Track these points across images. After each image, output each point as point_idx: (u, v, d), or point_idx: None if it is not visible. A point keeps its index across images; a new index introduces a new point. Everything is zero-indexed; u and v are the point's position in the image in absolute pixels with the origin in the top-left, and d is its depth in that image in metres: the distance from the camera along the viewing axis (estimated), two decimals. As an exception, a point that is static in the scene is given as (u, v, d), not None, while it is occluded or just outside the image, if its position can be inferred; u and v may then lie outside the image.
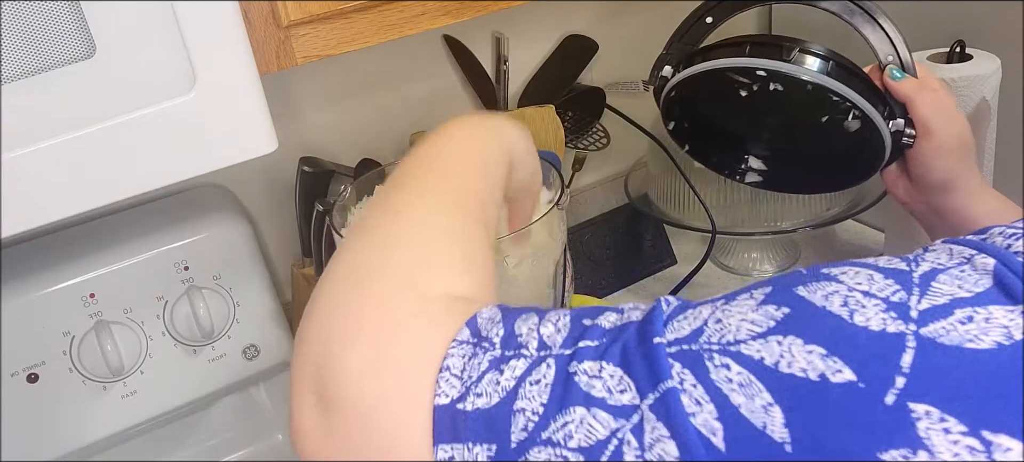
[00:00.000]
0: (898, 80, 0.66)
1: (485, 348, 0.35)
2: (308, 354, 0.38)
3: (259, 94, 0.53)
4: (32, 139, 0.47)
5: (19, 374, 0.72)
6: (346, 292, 0.39)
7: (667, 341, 0.33)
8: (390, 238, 0.41)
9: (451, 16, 0.66)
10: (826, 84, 0.64)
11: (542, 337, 0.35)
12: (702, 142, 0.80)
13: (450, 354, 0.35)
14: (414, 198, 0.44)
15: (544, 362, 0.34)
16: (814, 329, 0.30)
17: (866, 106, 0.64)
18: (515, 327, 0.36)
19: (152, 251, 0.76)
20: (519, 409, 0.33)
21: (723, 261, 1.11)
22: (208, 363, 0.79)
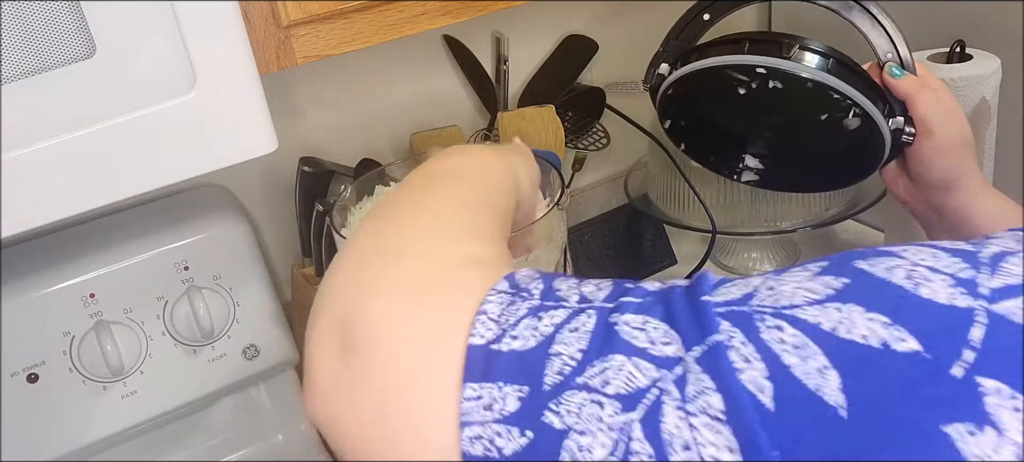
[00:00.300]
0: (898, 78, 0.66)
1: (524, 297, 0.34)
2: (334, 302, 0.37)
3: (259, 94, 0.53)
4: (32, 139, 0.47)
5: (19, 374, 0.72)
6: (376, 250, 0.39)
7: (715, 301, 0.32)
8: (418, 207, 0.42)
9: (451, 16, 0.66)
10: (826, 82, 0.63)
11: (583, 293, 0.35)
12: (699, 140, 0.80)
13: (488, 300, 0.34)
14: (427, 197, 0.44)
15: (584, 312, 0.33)
16: (876, 298, 0.30)
17: (866, 104, 0.64)
18: (554, 284, 0.36)
19: (152, 251, 0.76)
20: (555, 353, 0.32)
21: (723, 261, 1.11)
22: (208, 363, 0.79)
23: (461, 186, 0.46)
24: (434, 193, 0.44)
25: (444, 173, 0.47)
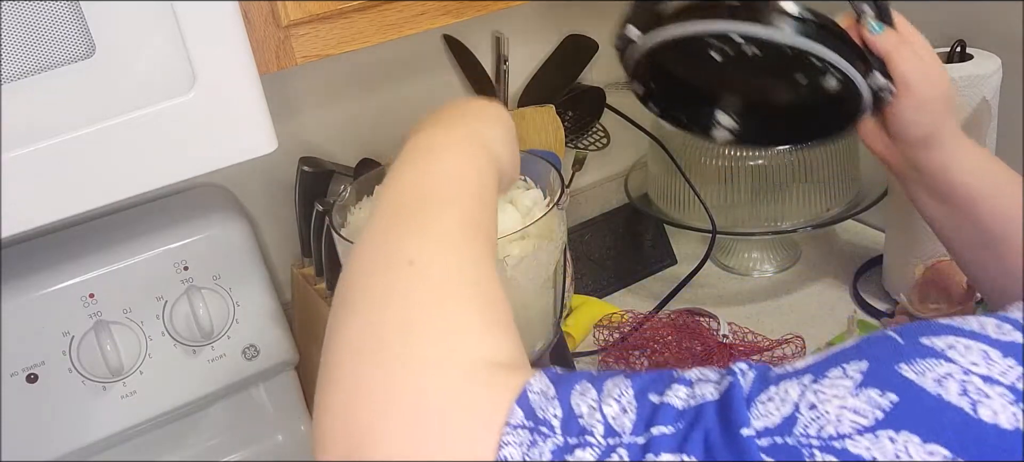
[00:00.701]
0: (877, 34, 0.63)
1: (544, 434, 0.31)
2: (338, 429, 0.35)
3: (259, 94, 0.53)
4: (32, 139, 0.47)
5: (19, 374, 0.72)
6: (373, 364, 0.36)
7: (755, 431, 0.29)
8: (409, 301, 0.38)
9: (451, 16, 0.66)
10: (806, 48, 0.60)
11: (608, 420, 0.31)
12: (669, 102, 0.75)
13: (506, 442, 0.31)
14: (423, 243, 0.40)
15: (615, 452, 0.30)
16: (933, 424, 0.27)
17: (846, 67, 0.61)
18: (573, 405, 0.32)
19: (152, 251, 0.76)
20: None
21: (723, 261, 1.11)
22: (208, 363, 0.79)
23: (447, 230, 0.41)
24: (424, 264, 0.39)
25: (424, 206, 0.43)
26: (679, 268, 1.12)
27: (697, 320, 0.98)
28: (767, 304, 1.02)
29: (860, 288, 1.02)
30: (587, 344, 0.99)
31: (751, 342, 0.94)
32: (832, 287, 1.03)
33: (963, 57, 0.88)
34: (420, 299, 0.37)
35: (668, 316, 0.99)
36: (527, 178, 0.70)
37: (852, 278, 1.03)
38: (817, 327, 0.97)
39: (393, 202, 0.43)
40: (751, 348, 0.93)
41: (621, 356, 0.94)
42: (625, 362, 0.93)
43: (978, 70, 0.85)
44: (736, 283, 1.08)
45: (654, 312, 1.01)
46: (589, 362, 0.96)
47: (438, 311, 0.37)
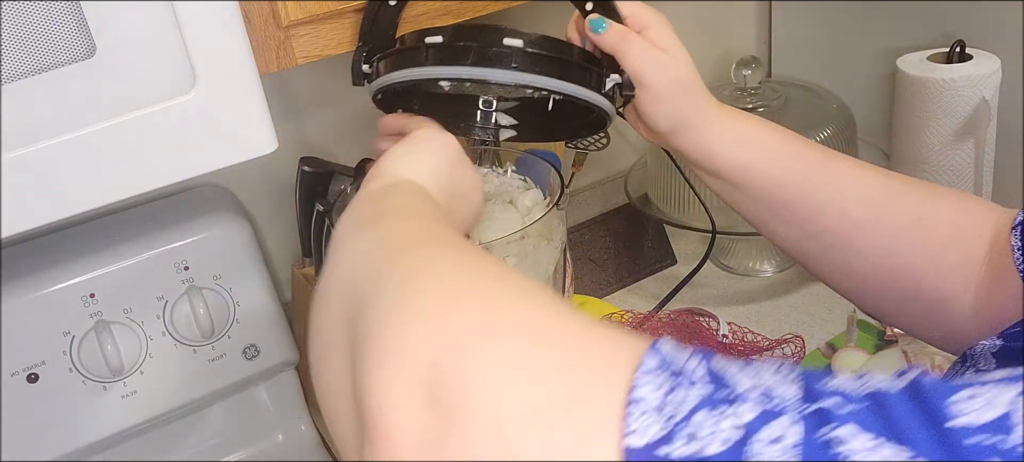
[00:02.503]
0: (600, 34, 0.60)
1: (689, 382, 0.27)
2: (419, 340, 0.30)
3: (259, 94, 0.53)
4: (32, 139, 0.47)
5: (19, 374, 0.72)
6: (471, 286, 0.33)
7: (964, 425, 0.25)
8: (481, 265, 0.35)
9: (451, 16, 0.66)
10: (516, 81, 0.57)
11: (766, 386, 0.27)
12: (443, 118, 0.68)
13: (639, 383, 0.27)
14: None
15: (782, 416, 0.26)
16: None
17: (565, 87, 0.58)
18: (717, 367, 0.28)
19: (152, 251, 0.76)
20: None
21: (723, 261, 1.11)
22: (208, 363, 0.79)
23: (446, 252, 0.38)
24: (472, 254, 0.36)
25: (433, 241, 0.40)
26: (679, 268, 1.12)
27: (697, 320, 0.98)
28: (767, 304, 1.02)
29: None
30: (587, 344, 0.99)
31: (751, 342, 0.94)
32: (832, 287, 1.03)
33: (963, 57, 0.88)
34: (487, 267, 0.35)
35: (668, 316, 0.99)
36: (527, 178, 0.70)
37: (852, 278, 1.03)
38: (817, 327, 0.97)
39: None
40: (751, 348, 0.93)
41: (621, 356, 0.94)
42: (625, 362, 0.93)
43: (978, 70, 0.86)
44: (736, 283, 1.08)
45: (654, 312, 1.01)
46: (589, 362, 0.95)
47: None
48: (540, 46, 0.57)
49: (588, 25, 0.60)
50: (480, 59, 0.57)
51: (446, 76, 0.58)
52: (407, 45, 0.59)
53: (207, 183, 0.88)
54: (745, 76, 1.05)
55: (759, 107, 1.05)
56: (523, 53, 0.56)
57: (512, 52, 0.56)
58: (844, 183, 0.58)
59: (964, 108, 0.87)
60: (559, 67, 0.58)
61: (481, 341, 0.29)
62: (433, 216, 0.45)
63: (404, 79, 0.59)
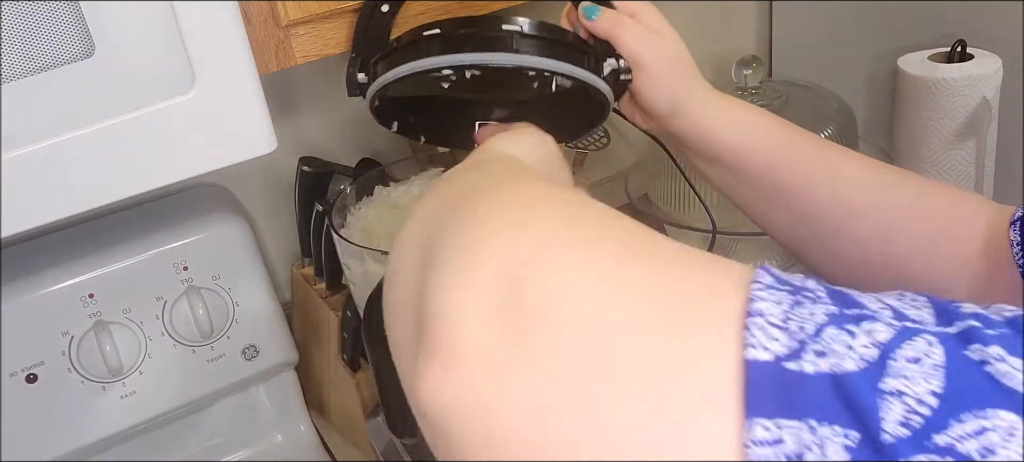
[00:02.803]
0: (594, 19, 0.60)
1: (812, 298, 0.24)
2: (494, 247, 0.27)
3: (259, 94, 0.53)
4: (32, 139, 0.47)
5: (18, 374, 0.72)
6: (558, 207, 0.30)
7: None
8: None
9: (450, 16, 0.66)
10: (518, 63, 0.57)
11: (893, 306, 0.25)
12: (434, 128, 0.71)
13: (757, 296, 0.24)
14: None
15: (919, 336, 0.23)
16: None
17: (567, 69, 0.58)
18: (833, 287, 0.26)
19: (152, 251, 0.76)
20: (892, 391, 0.22)
21: (723, 261, 1.11)
22: (207, 363, 0.79)
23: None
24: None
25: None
26: (679, 268, 1.12)
27: (697, 320, 0.98)
28: (767, 304, 1.02)
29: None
30: (587, 344, 0.99)
31: (751, 342, 0.94)
32: (832, 287, 1.03)
33: (963, 57, 0.88)
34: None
35: (668, 316, 0.99)
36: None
37: (852, 278, 1.03)
38: (817, 327, 0.97)
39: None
40: (751, 348, 0.93)
41: (621, 356, 0.93)
42: (625, 362, 0.93)
43: (978, 70, 0.85)
44: (736, 283, 1.08)
45: (654, 312, 1.01)
46: (589, 362, 0.95)
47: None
48: (539, 30, 0.57)
49: (581, 12, 0.60)
50: (480, 44, 0.57)
51: (447, 65, 0.57)
52: (404, 42, 0.59)
53: (207, 183, 0.88)
54: (745, 76, 1.05)
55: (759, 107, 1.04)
56: (523, 36, 0.56)
57: (512, 35, 0.56)
58: (838, 169, 0.58)
59: (965, 108, 0.87)
60: (559, 49, 0.58)
61: (566, 248, 0.26)
62: (532, 174, 0.42)
63: (404, 74, 0.59)
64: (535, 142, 0.52)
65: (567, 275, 0.25)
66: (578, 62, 0.58)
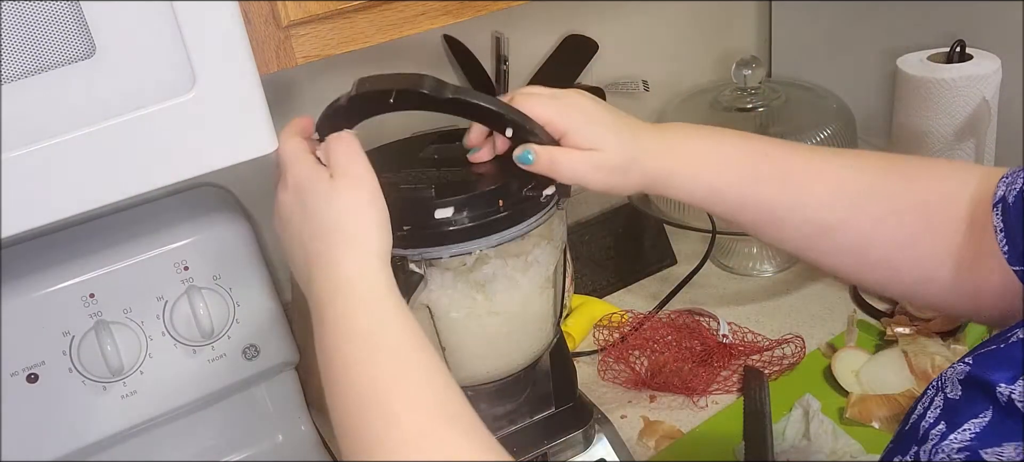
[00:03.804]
0: (530, 164, 0.58)
1: None
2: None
3: (259, 94, 0.53)
4: (32, 139, 0.47)
5: (19, 374, 0.72)
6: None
7: None
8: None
9: (451, 16, 0.66)
10: (463, 251, 0.60)
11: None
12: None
13: None
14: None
15: None
16: None
17: (510, 234, 0.60)
18: None
19: (152, 251, 0.76)
20: None
21: (723, 261, 1.11)
22: (208, 363, 0.79)
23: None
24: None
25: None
26: (679, 268, 1.12)
27: (697, 320, 0.98)
28: (767, 304, 1.02)
29: (860, 288, 1.02)
30: (587, 344, 0.99)
31: (751, 342, 0.94)
32: (832, 287, 1.03)
33: (963, 57, 0.88)
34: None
35: (668, 316, 0.99)
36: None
37: (852, 278, 1.03)
38: (817, 327, 0.97)
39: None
40: (751, 348, 0.93)
41: (621, 356, 0.94)
42: (625, 362, 0.93)
43: (978, 70, 0.86)
44: (736, 283, 1.08)
45: (654, 312, 1.01)
46: (589, 362, 0.96)
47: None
48: (473, 215, 0.59)
49: (517, 160, 0.59)
50: (422, 240, 0.59)
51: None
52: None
53: (207, 183, 0.88)
54: (745, 76, 1.05)
55: (759, 107, 1.05)
56: (462, 230, 0.59)
57: (448, 224, 0.59)
58: (804, 191, 0.57)
59: (964, 108, 0.87)
60: (496, 224, 0.59)
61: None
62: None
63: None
64: (372, 212, 0.53)
65: None
66: (519, 219, 0.61)
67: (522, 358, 0.69)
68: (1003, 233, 0.49)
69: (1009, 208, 0.49)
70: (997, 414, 0.40)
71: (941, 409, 0.44)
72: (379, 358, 0.47)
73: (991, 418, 0.41)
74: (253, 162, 0.54)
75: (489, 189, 0.59)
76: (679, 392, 0.89)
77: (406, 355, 0.48)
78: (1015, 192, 0.48)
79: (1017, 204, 0.48)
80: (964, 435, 0.41)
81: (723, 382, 0.90)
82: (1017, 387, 0.40)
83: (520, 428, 0.74)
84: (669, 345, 0.94)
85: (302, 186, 0.52)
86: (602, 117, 0.60)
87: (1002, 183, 0.50)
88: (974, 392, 0.43)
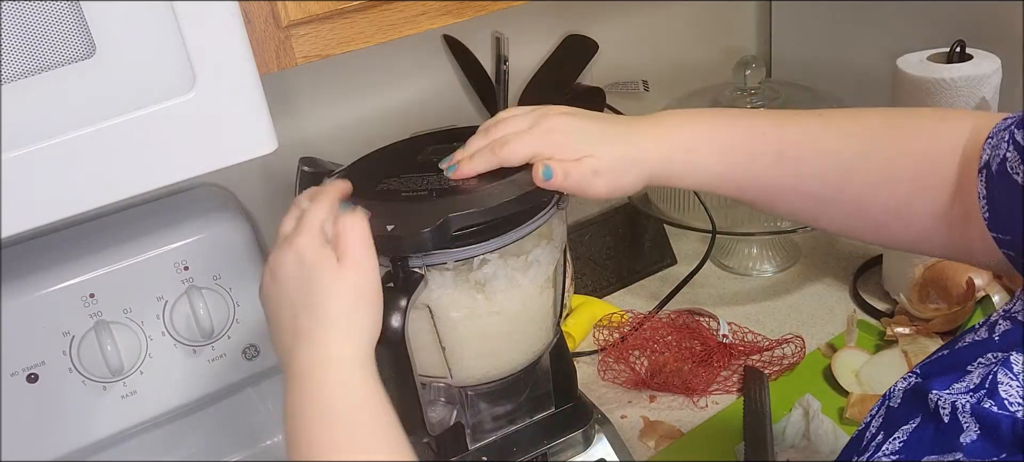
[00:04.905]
0: (551, 178, 0.59)
1: None
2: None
3: (259, 94, 0.53)
4: (32, 139, 0.47)
5: (19, 374, 0.72)
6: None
7: None
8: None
9: (451, 16, 0.66)
10: (474, 254, 0.61)
11: None
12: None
13: None
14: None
15: None
16: None
17: (519, 234, 0.62)
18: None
19: (152, 251, 0.76)
20: None
21: (723, 261, 1.11)
22: (208, 363, 0.79)
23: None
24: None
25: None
26: (679, 268, 1.12)
27: (697, 320, 0.98)
28: (767, 304, 1.02)
29: (860, 288, 1.02)
30: (587, 344, 0.99)
31: (751, 342, 0.94)
32: (832, 287, 1.03)
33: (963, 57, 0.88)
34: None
35: (668, 316, 0.99)
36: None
37: (852, 278, 1.03)
38: (817, 327, 0.97)
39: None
40: (751, 348, 0.93)
41: (621, 356, 0.94)
42: (625, 362, 0.93)
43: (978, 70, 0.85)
44: (736, 283, 1.08)
45: (654, 312, 1.01)
46: (589, 362, 0.96)
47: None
48: (488, 218, 0.59)
49: (539, 180, 0.59)
50: (422, 246, 0.58)
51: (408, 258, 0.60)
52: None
53: (207, 183, 0.88)
54: (745, 76, 1.05)
55: (759, 107, 1.05)
56: (475, 234, 0.59)
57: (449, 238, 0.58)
58: (799, 166, 0.58)
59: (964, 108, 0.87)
60: (498, 227, 0.60)
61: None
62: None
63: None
64: (366, 312, 0.54)
65: None
66: (525, 220, 0.61)
67: (522, 358, 0.69)
68: (985, 200, 0.49)
69: (993, 176, 0.49)
70: (925, 421, 0.41)
71: (883, 418, 0.44)
72: (345, 441, 0.48)
73: (918, 425, 0.41)
74: (253, 162, 0.54)
75: (501, 203, 0.59)
76: (679, 392, 0.89)
77: (374, 445, 0.49)
78: (999, 159, 0.48)
79: (1000, 172, 0.48)
80: (894, 444, 0.41)
81: (723, 382, 0.90)
82: (945, 394, 0.40)
83: (520, 428, 0.74)
84: (669, 345, 0.94)
85: (307, 259, 0.52)
86: (584, 126, 0.60)
87: (987, 146, 0.50)
88: (912, 398, 0.43)
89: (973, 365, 0.41)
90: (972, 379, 0.40)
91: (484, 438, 0.73)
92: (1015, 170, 0.46)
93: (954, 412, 0.39)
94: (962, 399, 0.39)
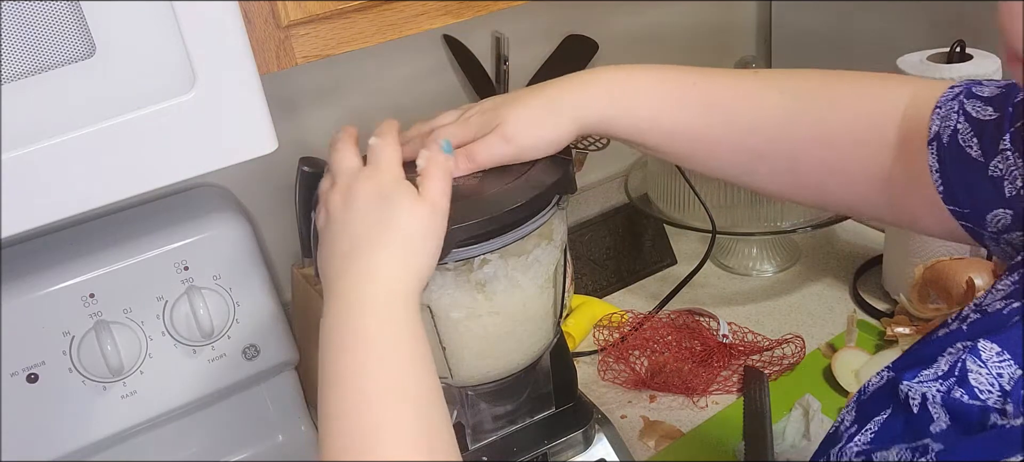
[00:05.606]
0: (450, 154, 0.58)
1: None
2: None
3: (259, 94, 0.53)
4: (32, 139, 0.47)
5: (19, 374, 0.72)
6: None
7: None
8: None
9: (451, 16, 0.66)
10: (485, 251, 0.61)
11: None
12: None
13: None
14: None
15: None
16: None
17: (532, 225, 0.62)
18: None
19: (152, 251, 0.76)
20: None
21: (723, 261, 1.11)
22: (208, 363, 0.79)
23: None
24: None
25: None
26: (679, 268, 1.12)
27: (697, 320, 0.98)
28: (767, 304, 1.02)
29: (860, 288, 1.02)
30: (587, 344, 1.00)
31: (751, 342, 0.94)
32: (832, 287, 1.03)
33: (963, 57, 0.88)
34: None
35: (668, 316, 0.99)
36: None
37: (852, 278, 1.03)
38: (817, 327, 0.97)
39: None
40: (751, 348, 0.93)
41: (621, 356, 0.94)
42: (625, 362, 0.93)
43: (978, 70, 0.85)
44: (736, 283, 1.08)
45: (654, 312, 1.01)
46: (589, 362, 0.96)
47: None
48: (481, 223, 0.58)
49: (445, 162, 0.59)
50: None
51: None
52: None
53: (207, 183, 0.88)
54: (745, 76, 1.05)
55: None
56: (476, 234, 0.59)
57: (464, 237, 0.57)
58: (728, 116, 0.58)
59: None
60: (499, 229, 0.59)
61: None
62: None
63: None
64: (418, 252, 0.53)
65: None
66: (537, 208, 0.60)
67: (522, 358, 0.69)
68: (938, 173, 0.49)
69: (944, 148, 0.48)
70: (896, 412, 0.41)
71: (856, 411, 0.44)
72: (375, 367, 0.47)
73: (888, 416, 0.41)
74: (253, 162, 0.54)
75: (504, 212, 0.59)
76: (679, 392, 0.89)
77: (404, 381, 0.48)
78: (949, 131, 0.48)
79: (953, 144, 0.48)
80: (866, 436, 0.41)
81: (723, 382, 0.90)
82: (914, 384, 0.40)
83: (520, 428, 0.74)
84: (669, 345, 0.94)
85: (387, 190, 0.52)
86: (502, 99, 0.62)
87: (935, 117, 0.49)
88: (883, 391, 0.43)
89: (942, 355, 0.41)
90: (940, 367, 0.40)
91: (484, 438, 0.73)
92: (967, 143, 0.46)
93: (924, 403, 0.39)
94: (932, 388, 0.39)
